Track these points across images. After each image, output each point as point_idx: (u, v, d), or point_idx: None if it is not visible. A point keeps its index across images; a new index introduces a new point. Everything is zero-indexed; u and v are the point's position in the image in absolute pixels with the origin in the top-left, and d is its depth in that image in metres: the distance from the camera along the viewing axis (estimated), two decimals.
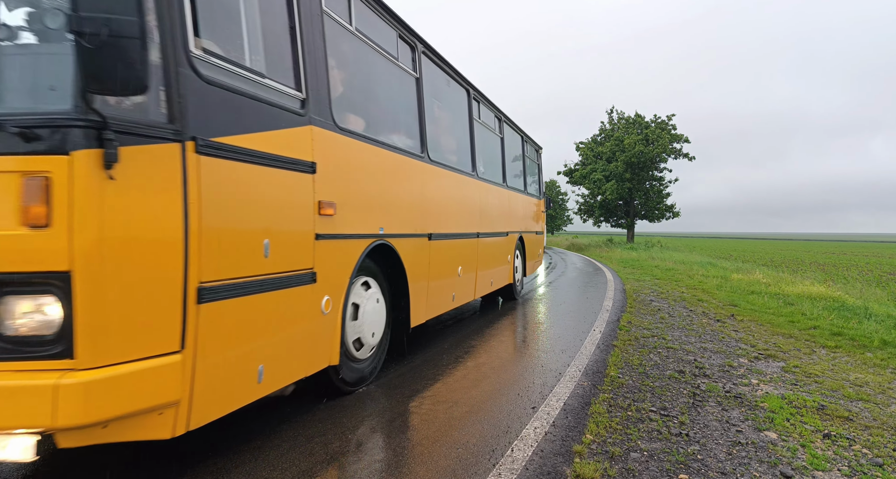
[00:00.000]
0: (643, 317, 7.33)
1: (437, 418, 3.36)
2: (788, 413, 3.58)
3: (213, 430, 3.00)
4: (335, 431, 3.13)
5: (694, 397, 3.93)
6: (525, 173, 9.51)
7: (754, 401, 3.85)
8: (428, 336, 5.80)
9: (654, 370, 4.60)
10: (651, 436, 3.17)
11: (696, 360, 5.01)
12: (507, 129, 8.32)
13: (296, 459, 2.75)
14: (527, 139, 9.77)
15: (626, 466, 2.77)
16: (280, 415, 3.38)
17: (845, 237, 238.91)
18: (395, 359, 4.70)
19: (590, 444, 3.02)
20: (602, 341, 5.64)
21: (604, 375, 4.41)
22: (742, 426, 3.36)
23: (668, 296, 9.77)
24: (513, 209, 8.18)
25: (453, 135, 6.15)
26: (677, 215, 34.30)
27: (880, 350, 5.59)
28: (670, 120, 33.14)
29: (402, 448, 2.90)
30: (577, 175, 36.05)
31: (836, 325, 6.87)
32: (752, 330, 6.62)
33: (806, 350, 5.58)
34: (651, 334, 6.12)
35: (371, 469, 2.64)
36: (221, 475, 2.56)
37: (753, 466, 2.81)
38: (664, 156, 32.46)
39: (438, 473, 2.61)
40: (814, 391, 4.12)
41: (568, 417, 3.42)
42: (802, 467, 2.81)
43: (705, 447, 3.05)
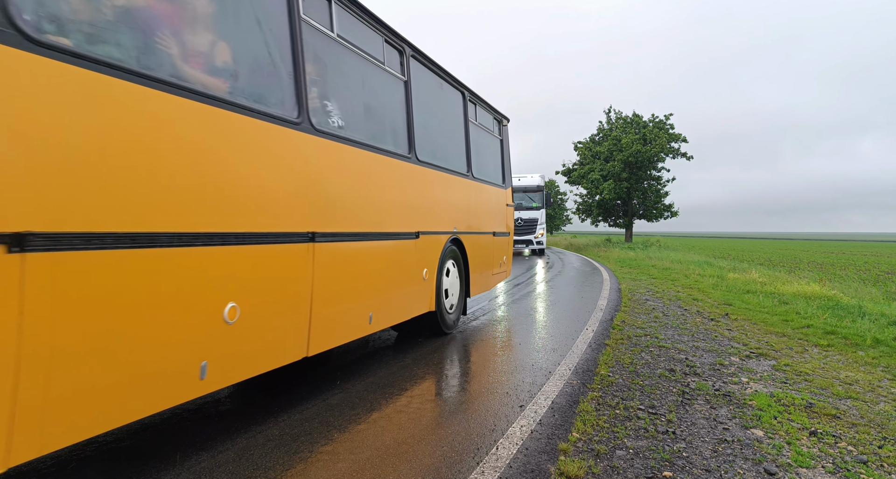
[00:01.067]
0: (637, 316, 7.33)
1: (423, 416, 3.36)
2: (776, 411, 3.58)
3: (205, 427, 2.99)
4: (320, 430, 3.13)
5: (683, 395, 3.93)
6: (470, 149, 6.31)
7: (743, 399, 3.85)
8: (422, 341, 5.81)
9: (645, 369, 4.60)
10: (638, 434, 3.17)
11: (688, 359, 5.01)
12: (426, 74, 5.34)
13: (279, 458, 2.75)
14: (475, 101, 6.65)
15: (610, 463, 2.77)
16: (267, 412, 3.38)
17: (844, 237, 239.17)
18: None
19: (576, 442, 3.02)
20: (594, 340, 5.64)
21: (594, 373, 4.41)
22: (729, 424, 3.36)
23: (664, 295, 9.77)
24: (434, 199, 5.26)
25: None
26: (675, 215, 34.30)
27: (872, 349, 5.59)
28: (668, 119, 33.17)
29: (386, 447, 2.89)
30: (575, 175, 36.04)
31: (830, 324, 6.87)
32: (746, 329, 6.62)
33: (798, 349, 5.58)
34: (644, 333, 6.12)
35: (354, 467, 2.64)
36: (205, 475, 2.56)
37: (738, 463, 2.81)
38: (662, 155, 32.47)
39: (422, 471, 2.61)
40: (803, 389, 4.12)
41: (555, 415, 3.42)
42: (787, 464, 2.81)
43: (691, 444, 3.05)
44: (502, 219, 7.62)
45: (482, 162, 6.86)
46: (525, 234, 22.46)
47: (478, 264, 6.49)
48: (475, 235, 6.43)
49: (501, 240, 7.54)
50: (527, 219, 22.58)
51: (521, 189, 22.29)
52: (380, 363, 4.66)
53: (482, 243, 6.72)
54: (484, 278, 6.85)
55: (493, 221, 7.15)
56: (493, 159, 7.56)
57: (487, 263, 6.93)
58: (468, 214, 6.21)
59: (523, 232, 22.34)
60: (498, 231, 7.37)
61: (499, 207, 7.47)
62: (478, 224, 6.57)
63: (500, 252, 7.48)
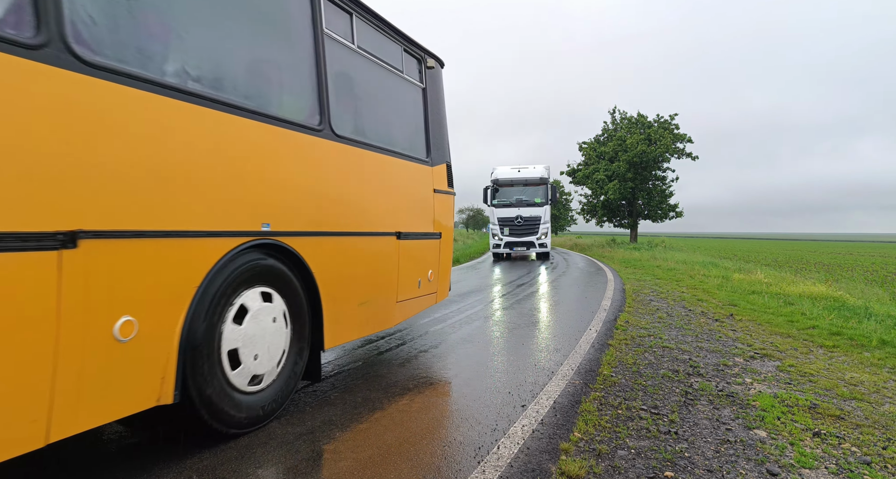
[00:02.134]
0: (641, 317, 7.31)
1: (425, 415, 3.37)
2: (780, 412, 3.57)
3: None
4: (322, 429, 3.14)
5: (686, 395, 3.92)
6: (324, 85, 3.74)
7: (746, 400, 3.83)
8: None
9: (648, 369, 4.59)
10: (640, 434, 3.17)
11: (691, 359, 4.99)
12: None
13: (283, 456, 2.76)
14: (355, 11, 4.13)
15: (612, 463, 2.77)
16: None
17: (850, 237, 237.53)
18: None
19: (577, 442, 3.02)
20: (597, 341, 5.63)
21: (596, 373, 4.41)
22: (732, 425, 3.35)
23: (668, 296, 9.74)
24: (182, 167, 2.65)
25: None
26: (680, 215, 34.14)
27: (878, 350, 5.55)
28: (673, 119, 33.05)
29: (387, 446, 2.90)
30: (579, 175, 35.96)
31: (836, 325, 6.83)
32: (750, 330, 6.59)
33: (803, 350, 5.55)
34: (648, 334, 6.10)
35: (356, 466, 2.65)
36: (207, 473, 2.58)
37: (740, 464, 2.80)
38: (667, 156, 32.35)
39: (423, 469, 2.61)
40: (807, 390, 4.10)
41: (557, 415, 3.42)
42: (790, 464, 2.80)
43: (693, 445, 3.04)
44: (424, 212, 4.86)
45: (372, 116, 4.42)
46: (525, 235, 19.39)
47: (349, 289, 3.90)
48: (341, 240, 3.85)
49: (420, 246, 4.76)
50: (527, 217, 19.40)
51: (520, 182, 19.72)
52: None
53: (361, 254, 4.05)
54: (369, 311, 4.13)
55: (397, 215, 4.47)
56: (405, 117, 4.89)
57: (379, 286, 4.24)
58: (319, 200, 3.63)
59: (523, 232, 19.37)
60: (411, 231, 4.63)
61: (415, 194, 4.77)
62: (352, 220, 3.97)
63: (414, 265, 4.69)
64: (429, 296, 5.19)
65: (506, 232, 19.50)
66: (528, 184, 19.78)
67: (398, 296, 4.52)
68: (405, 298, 4.65)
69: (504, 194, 19.94)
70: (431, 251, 5.16)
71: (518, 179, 19.81)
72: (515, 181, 19.88)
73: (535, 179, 19.74)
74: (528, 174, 19.85)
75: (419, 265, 4.88)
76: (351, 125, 4.06)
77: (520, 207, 19.53)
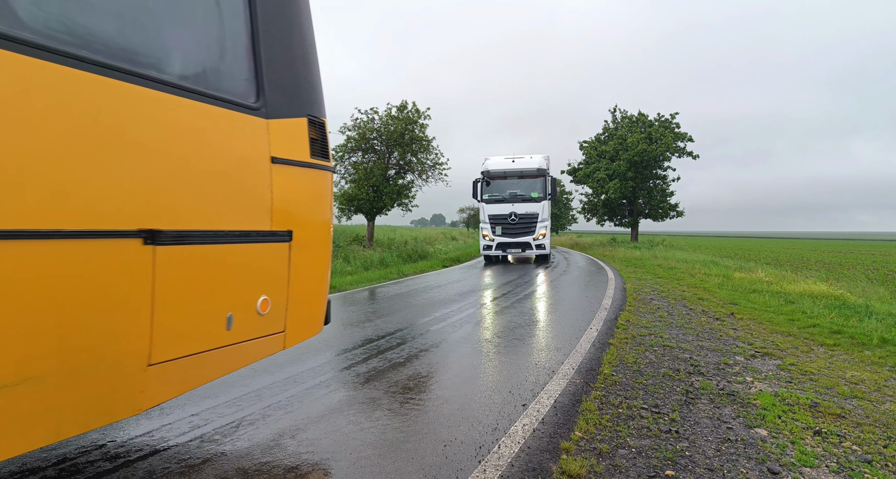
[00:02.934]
0: (642, 316, 7.31)
1: (426, 413, 3.37)
2: (780, 411, 3.57)
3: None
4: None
5: (687, 394, 3.92)
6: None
7: (747, 398, 3.83)
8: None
9: (649, 368, 4.59)
10: (641, 433, 3.17)
11: (692, 358, 4.99)
12: None
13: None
14: None
15: (613, 462, 2.77)
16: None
17: (851, 236, 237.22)
18: None
19: (578, 441, 3.02)
20: (598, 340, 5.63)
21: (597, 373, 4.41)
22: (733, 424, 3.35)
23: (669, 295, 9.74)
24: None
25: None
26: (681, 214, 34.10)
27: (879, 348, 5.55)
28: (674, 118, 33.02)
29: (388, 444, 2.90)
30: (580, 174, 35.93)
31: (836, 323, 6.82)
32: (751, 328, 6.59)
33: (804, 348, 5.55)
34: (648, 333, 6.10)
35: (354, 465, 2.65)
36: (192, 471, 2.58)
37: (741, 462, 2.80)
38: (668, 155, 32.31)
39: (424, 468, 2.62)
40: (808, 389, 4.10)
41: (558, 414, 3.42)
42: (791, 463, 2.80)
43: (694, 443, 3.04)
44: (240, 195, 2.75)
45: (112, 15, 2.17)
46: (519, 234, 16.92)
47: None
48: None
49: (229, 255, 2.66)
50: (522, 214, 16.85)
51: (514, 174, 17.20)
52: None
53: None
54: (28, 403, 1.86)
55: (151, 199, 2.23)
56: (195, 17, 2.59)
57: (74, 342, 1.95)
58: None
59: (517, 232, 16.91)
60: (197, 229, 2.48)
61: (215, 162, 2.60)
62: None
63: (212, 290, 2.56)
64: (263, 340, 2.88)
65: (498, 231, 17.04)
66: (523, 176, 17.16)
67: (152, 354, 2.28)
68: (184, 353, 2.44)
69: (496, 188, 17.40)
70: (264, 263, 2.88)
71: (512, 171, 17.21)
72: (509, 173, 17.30)
73: (532, 170, 17.03)
74: (523, 165, 17.20)
75: (230, 289, 2.67)
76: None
77: (514, 203, 17.03)
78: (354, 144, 19.01)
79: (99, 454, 2.76)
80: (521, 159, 17.52)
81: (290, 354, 4.97)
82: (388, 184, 19.34)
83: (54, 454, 2.74)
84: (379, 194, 19.02)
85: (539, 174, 17.09)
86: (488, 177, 17.45)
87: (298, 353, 5.03)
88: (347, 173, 19.19)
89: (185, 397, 3.56)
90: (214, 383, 3.83)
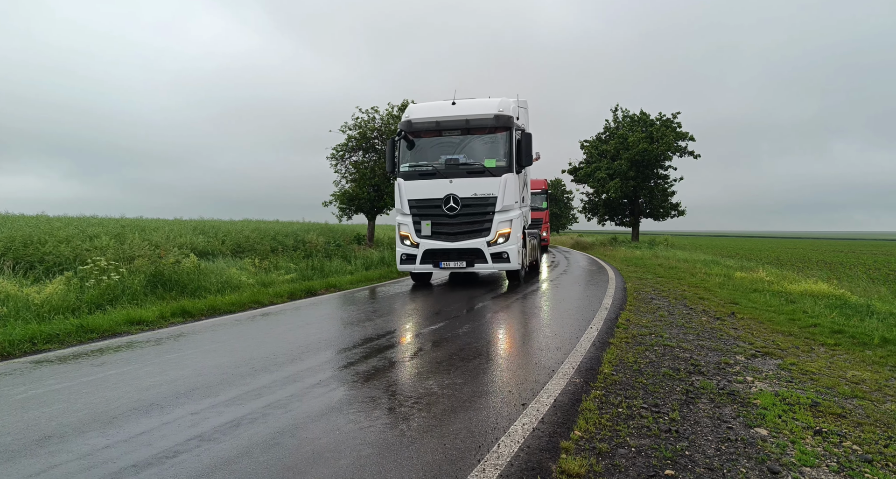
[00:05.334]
0: (642, 315, 7.30)
1: (425, 413, 3.36)
2: (781, 410, 3.56)
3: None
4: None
5: (687, 394, 3.91)
6: None
7: (747, 398, 3.82)
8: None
9: (649, 368, 4.58)
10: (640, 433, 3.16)
11: (692, 358, 4.98)
12: None
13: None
14: None
15: (613, 462, 2.76)
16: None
17: (853, 235, 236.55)
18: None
19: (578, 440, 3.02)
20: (598, 339, 5.62)
21: (597, 372, 4.40)
22: (733, 423, 3.34)
23: (669, 294, 9.72)
24: None
25: None
26: (682, 214, 34.05)
27: (880, 348, 5.53)
28: (675, 118, 32.96)
29: (388, 445, 2.90)
30: (581, 173, 35.88)
31: (837, 323, 6.80)
32: (752, 328, 6.57)
33: (805, 348, 5.53)
34: (649, 332, 6.09)
35: (355, 464, 2.65)
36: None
37: (741, 462, 2.79)
38: (669, 154, 32.26)
39: (423, 468, 2.61)
40: (808, 389, 4.09)
41: (558, 413, 3.41)
42: (791, 463, 2.79)
43: (694, 443, 3.03)
44: None
45: None
46: (462, 235, 9.92)
47: None
48: None
49: None
50: (468, 198, 9.82)
51: (455, 125, 9.99)
52: None
53: None
54: None
55: None
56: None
57: None
58: None
59: (459, 231, 9.92)
60: None
61: None
62: None
63: None
64: None
65: (426, 230, 10.03)
66: (471, 129, 9.99)
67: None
68: None
69: (423, 152, 10.28)
70: None
71: (451, 121, 9.98)
72: (446, 124, 10.06)
73: (486, 119, 9.88)
74: (470, 110, 10.01)
75: None
76: None
77: (454, 179, 9.92)
78: (355, 144, 18.98)
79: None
80: (468, 103, 10.14)
81: (290, 352, 4.97)
82: (390, 183, 19.33)
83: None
84: (380, 194, 19.00)
85: (499, 126, 9.82)
86: (410, 132, 10.13)
87: (299, 352, 5.03)
88: (348, 173, 19.16)
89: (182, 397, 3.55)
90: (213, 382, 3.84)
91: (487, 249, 9.85)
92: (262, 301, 8.30)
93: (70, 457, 2.77)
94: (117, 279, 7.91)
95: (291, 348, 5.20)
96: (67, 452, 2.84)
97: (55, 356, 5.02)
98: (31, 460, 2.76)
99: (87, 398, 3.73)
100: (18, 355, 5.10)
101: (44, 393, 3.88)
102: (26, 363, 4.77)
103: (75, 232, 11.76)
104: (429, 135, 10.29)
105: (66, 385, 4.06)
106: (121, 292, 7.70)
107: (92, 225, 13.48)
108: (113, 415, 3.38)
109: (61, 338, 5.62)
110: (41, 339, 5.48)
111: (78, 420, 3.30)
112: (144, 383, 4.10)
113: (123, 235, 12.19)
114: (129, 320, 6.42)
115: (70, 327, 5.87)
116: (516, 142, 10.09)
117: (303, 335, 5.90)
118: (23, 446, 2.93)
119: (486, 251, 9.86)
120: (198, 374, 4.31)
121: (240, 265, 11.58)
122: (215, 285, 9.08)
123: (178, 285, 8.67)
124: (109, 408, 3.52)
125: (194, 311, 7.26)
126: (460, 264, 9.96)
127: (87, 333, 5.89)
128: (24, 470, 2.64)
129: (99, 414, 3.40)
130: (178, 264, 9.62)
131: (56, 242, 10.56)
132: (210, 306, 7.59)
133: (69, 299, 7.03)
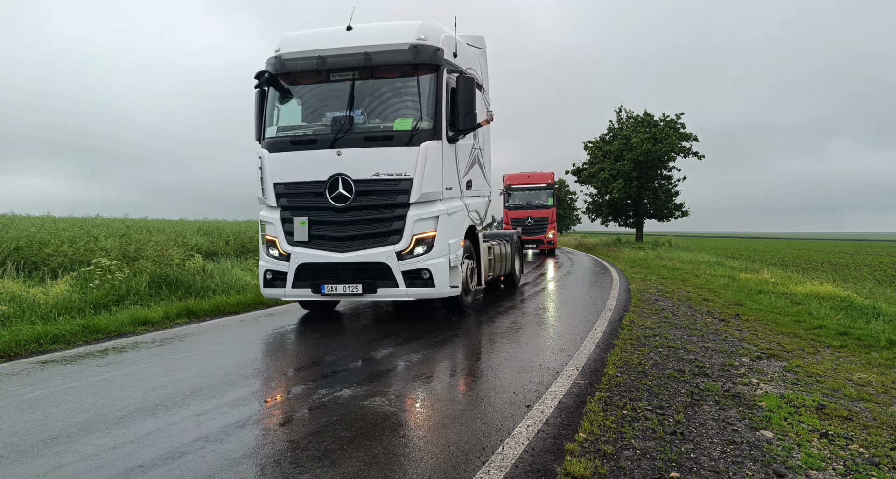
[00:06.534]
0: (646, 316, 7.28)
1: (430, 415, 3.37)
2: (786, 413, 3.54)
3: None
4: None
5: (692, 396, 3.90)
6: None
7: (753, 400, 3.81)
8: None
9: (654, 370, 4.57)
10: (645, 435, 3.16)
11: (697, 359, 4.97)
12: None
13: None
14: None
15: (617, 464, 2.76)
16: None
17: (858, 237, 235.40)
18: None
19: (582, 442, 3.01)
20: (602, 340, 5.61)
21: (602, 374, 4.39)
22: (738, 425, 3.33)
23: (674, 295, 9.70)
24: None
25: None
26: (686, 214, 33.95)
27: (886, 350, 5.51)
28: (679, 119, 32.87)
29: (393, 447, 2.90)
30: (584, 174, 35.81)
31: (843, 324, 6.77)
32: (757, 330, 6.55)
33: (810, 350, 5.51)
34: (653, 334, 6.08)
35: (360, 466, 2.65)
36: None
37: (747, 465, 2.79)
38: (672, 155, 32.17)
39: (428, 471, 2.61)
40: (814, 391, 4.07)
41: (562, 415, 3.41)
42: (797, 466, 2.78)
43: (699, 445, 3.03)
44: None
45: None
46: (356, 240, 6.38)
47: None
48: None
49: None
50: (368, 180, 6.33)
51: (347, 63, 6.52)
52: None
53: None
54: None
55: None
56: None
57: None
58: None
59: (350, 235, 6.37)
60: None
61: None
62: None
63: None
64: None
65: (300, 232, 6.40)
66: (372, 70, 6.47)
67: None
68: None
69: (300, 108, 7.06)
70: None
71: (341, 56, 6.38)
72: (333, 62, 6.40)
73: (398, 50, 6.04)
74: (370, 40, 6.18)
75: None
76: None
77: (343, 149, 6.48)
78: None
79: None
80: (370, 28, 6.80)
81: (291, 353, 4.97)
82: None
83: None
84: None
85: (420, 64, 6.52)
86: (281, 75, 6.84)
87: (300, 351, 5.04)
88: None
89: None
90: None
91: (397, 263, 6.22)
92: (265, 302, 8.32)
93: (77, 457, 2.79)
94: (121, 279, 7.93)
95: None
96: (74, 452, 2.86)
97: (61, 357, 5.05)
98: (38, 460, 2.78)
99: (93, 399, 3.75)
100: (25, 355, 5.13)
101: (50, 393, 3.90)
102: (33, 364, 4.79)
103: (80, 233, 11.82)
104: (309, 79, 6.77)
105: (73, 386, 4.09)
106: (126, 292, 7.73)
107: (97, 226, 13.56)
108: (119, 416, 3.40)
109: (67, 338, 5.65)
110: (47, 339, 5.51)
111: (84, 421, 3.32)
112: (150, 383, 4.12)
113: (129, 236, 12.24)
114: (134, 321, 6.45)
115: (76, 328, 5.90)
116: (449, 90, 6.55)
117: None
118: (30, 446, 2.95)
119: (394, 267, 6.22)
120: (203, 375, 4.33)
121: (244, 266, 11.61)
122: (220, 286, 9.11)
123: (183, 285, 8.69)
124: (115, 408, 3.54)
125: (199, 311, 7.29)
126: (354, 288, 6.31)
127: (92, 333, 5.92)
128: (32, 470, 2.66)
129: (105, 415, 3.42)
130: (182, 264, 9.66)
131: (59, 242, 10.61)
132: (214, 307, 7.62)
133: (74, 300, 7.06)
